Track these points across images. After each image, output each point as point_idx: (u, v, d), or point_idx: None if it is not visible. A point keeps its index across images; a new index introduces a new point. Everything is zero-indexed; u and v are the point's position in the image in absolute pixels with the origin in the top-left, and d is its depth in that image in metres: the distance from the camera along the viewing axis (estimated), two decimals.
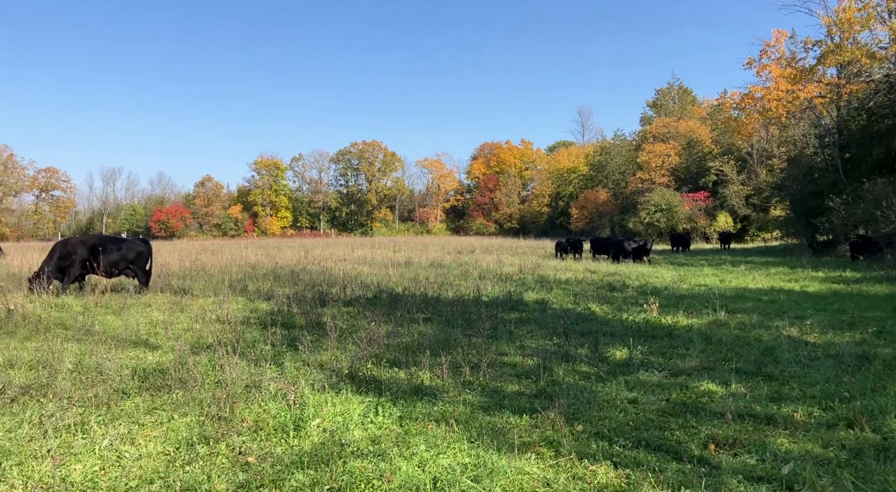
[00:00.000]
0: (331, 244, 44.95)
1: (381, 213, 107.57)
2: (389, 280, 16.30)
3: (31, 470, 4.01)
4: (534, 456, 4.31)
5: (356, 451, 4.42)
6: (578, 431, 4.86)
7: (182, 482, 3.88)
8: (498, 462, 4.14)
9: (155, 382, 6.03)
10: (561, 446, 4.48)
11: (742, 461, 4.28)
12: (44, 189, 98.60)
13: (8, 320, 9.08)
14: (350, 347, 7.73)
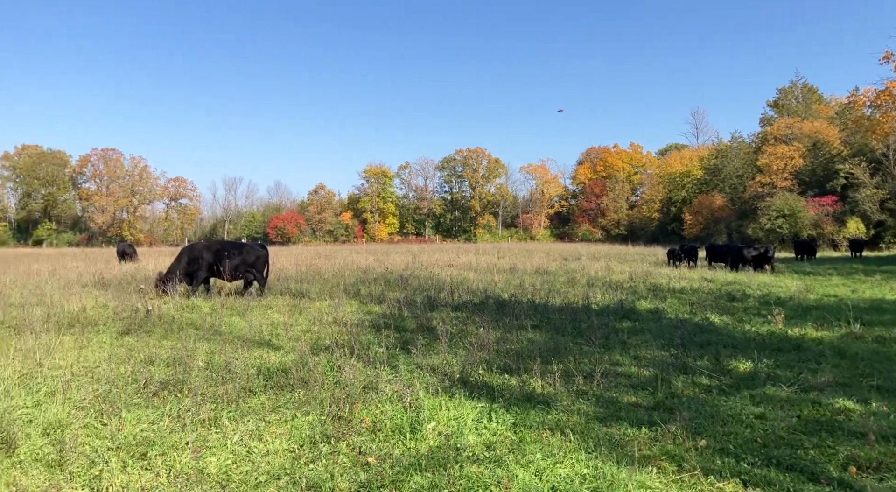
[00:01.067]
0: (436, 250, 45.58)
1: (485, 219, 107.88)
2: (495, 286, 16.29)
3: (173, 460, 4.30)
4: (655, 470, 4.15)
5: (472, 456, 4.43)
6: (702, 446, 4.63)
7: (307, 480, 4.03)
8: (618, 475, 4.01)
9: (278, 381, 6.31)
10: (684, 461, 4.29)
11: (889, 487, 3.93)
12: (173, 198, 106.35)
13: (146, 320, 9.82)
14: (460, 352, 7.77)
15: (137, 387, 5.98)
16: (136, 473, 4.13)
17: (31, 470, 4.13)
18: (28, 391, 5.72)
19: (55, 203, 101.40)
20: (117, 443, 4.57)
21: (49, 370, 6.54)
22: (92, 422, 4.98)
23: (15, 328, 9.11)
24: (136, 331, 9.08)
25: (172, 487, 3.91)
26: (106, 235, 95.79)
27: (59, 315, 10.21)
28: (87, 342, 8.19)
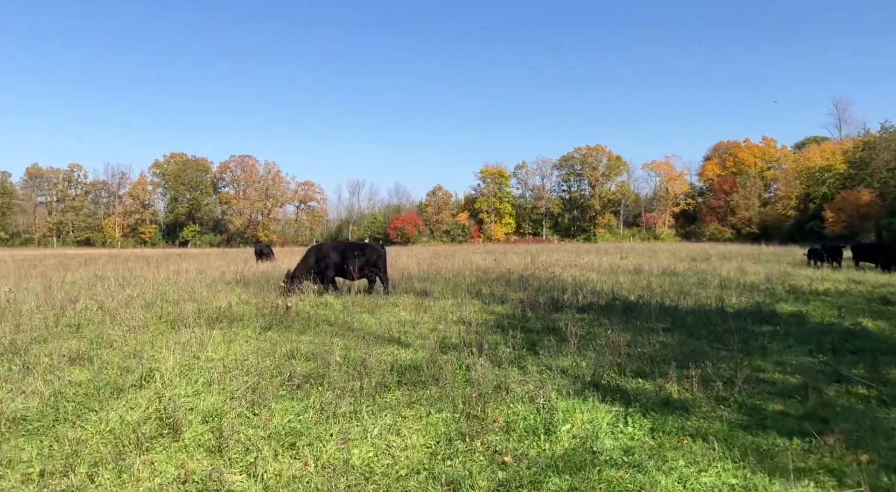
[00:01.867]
0: (555, 250, 45.03)
1: (605, 218, 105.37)
2: (621, 287, 15.84)
3: (320, 451, 4.53)
4: (812, 484, 3.88)
5: (609, 460, 4.34)
6: (864, 460, 4.27)
7: (446, 476, 4.11)
8: (770, 487, 3.80)
9: (411, 377, 6.47)
10: (845, 476, 3.98)
11: None
12: (302, 200, 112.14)
13: (286, 316, 10.41)
14: (590, 354, 7.63)
15: (282, 379, 6.34)
16: (286, 461, 4.39)
17: (195, 454, 4.49)
18: (188, 381, 6.23)
19: (198, 206, 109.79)
20: (268, 432, 4.88)
21: (204, 362, 7.08)
22: (245, 412, 5.34)
23: (171, 323, 9.94)
24: (276, 326, 9.64)
25: (321, 476, 4.12)
26: (243, 236, 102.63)
27: (209, 311, 11.02)
28: (234, 336, 8.79)
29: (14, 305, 11.87)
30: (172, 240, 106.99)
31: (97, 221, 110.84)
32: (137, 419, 5.09)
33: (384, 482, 4.06)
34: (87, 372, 6.66)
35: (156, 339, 8.48)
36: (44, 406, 5.42)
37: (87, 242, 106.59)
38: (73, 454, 4.39)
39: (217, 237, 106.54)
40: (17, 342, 8.11)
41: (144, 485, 3.97)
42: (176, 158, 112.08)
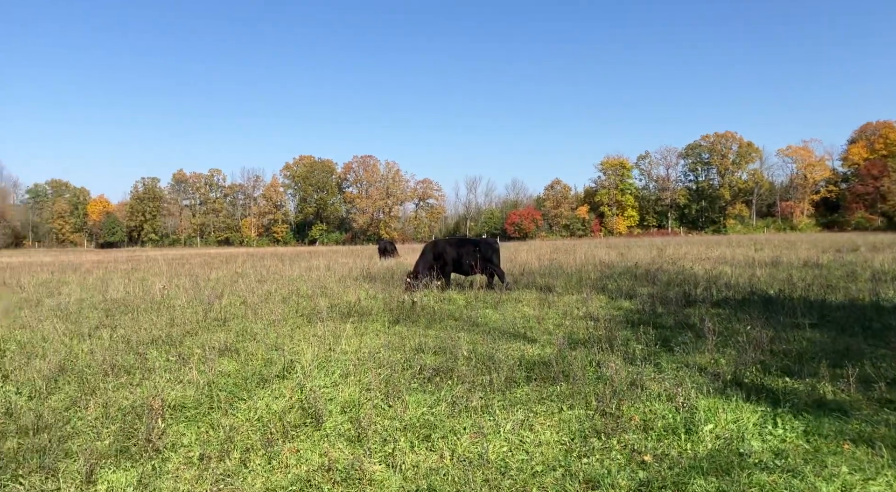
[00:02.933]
0: (682, 243, 43.07)
1: (736, 208, 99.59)
2: (758, 281, 14.88)
3: (454, 444, 4.58)
4: None
5: (759, 463, 4.07)
6: None
7: (584, 474, 4.02)
8: None
9: (540, 373, 6.40)
10: None
11: None
12: (421, 198, 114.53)
13: (412, 311, 10.64)
14: (729, 351, 7.21)
15: (413, 372, 6.48)
16: (423, 453, 4.46)
17: (337, 444, 4.67)
18: (325, 373, 6.51)
19: (325, 206, 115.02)
20: (404, 424, 4.99)
21: (339, 355, 7.37)
22: (380, 403, 5.50)
23: (306, 317, 10.45)
24: (404, 321, 9.88)
25: (457, 469, 4.16)
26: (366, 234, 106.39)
27: (340, 305, 11.49)
28: (365, 330, 9.10)
29: (168, 300, 12.95)
30: (302, 238, 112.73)
31: (235, 222, 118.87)
32: (282, 408, 5.39)
33: (520, 478, 4.03)
34: (234, 363, 7.13)
35: (294, 332, 8.94)
36: (199, 395, 5.85)
37: (226, 241, 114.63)
38: (227, 440, 4.71)
39: (342, 235, 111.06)
40: (172, 335, 8.83)
41: (293, 472, 4.18)
42: (304, 160, 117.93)
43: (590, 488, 3.87)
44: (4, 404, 5.73)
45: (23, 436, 4.89)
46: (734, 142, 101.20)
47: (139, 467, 4.27)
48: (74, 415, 5.38)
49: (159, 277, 19.13)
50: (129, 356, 7.45)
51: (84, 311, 11.81)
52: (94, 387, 6.16)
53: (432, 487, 3.92)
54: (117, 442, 4.68)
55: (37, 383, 6.32)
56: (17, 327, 9.79)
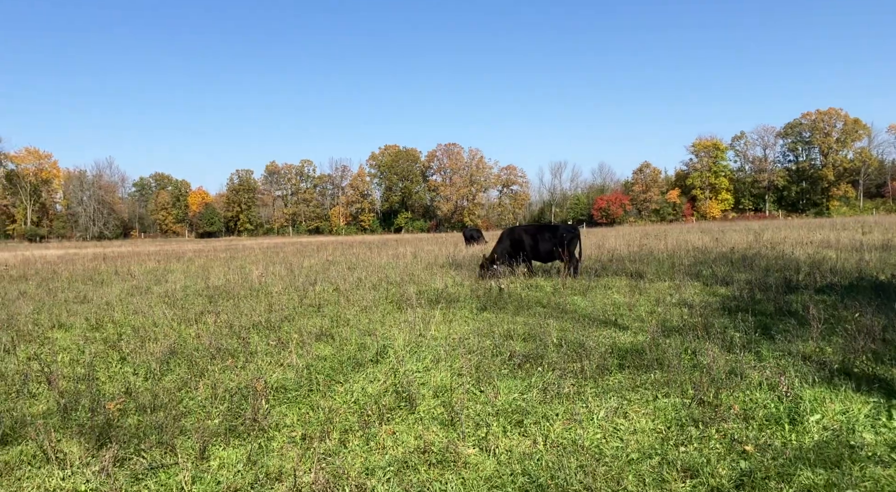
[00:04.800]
0: (781, 227, 40.93)
1: (841, 189, 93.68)
2: (867, 266, 13.96)
3: (547, 430, 4.59)
4: None
5: (873, 456, 3.87)
6: None
7: (682, 462, 3.94)
8: None
9: (633, 361, 6.29)
10: None
11: None
12: (505, 184, 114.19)
13: (499, 298, 10.67)
14: (836, 340, 6.84)
15: (503, 359, 6.51)
16: (516, 438, 4.50)
17: (431, 427, 4.77)
18: (417, 358, 6.64)
19: (410, 194, 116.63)
20: (496, 409, 5.04)
21: (429, 341, 7.50)
22: (471, 388, 5.58)
23: (396, 303, 10.67)
24: (491, 307, 9.92)
25: (550, 454, 4.17)
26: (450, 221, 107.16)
27: (428, 292, 11.67)
28: (453, 317, 9.21)
29: (265, 287, 13.55)
30: (388, 226, 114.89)
31: (324, 211, 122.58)
32: (377, 392, 5.55)
33: (615, 465, 4.00)
34: (330, 348, 7.39)
35: (385, 318, 9.16)
36: (299, 377, 6.12)
37: (316, 230, 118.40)
38: (326, 421, 4.91)
39: (427, 223, 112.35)
40: (270, 320, 9.24)
41: (390, 453, 4.32)
42: (389, 149, 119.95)
43: (688, 477, 3.79)
44: (124, 383, 6.19)
45: (141, 414, 5.27)
46: (839, 119, 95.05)
47: (247, 444, 4.53)
48: (186, 395, 5.76)
49: (256, 266, 20.00)
50: (232, 340, 7.88)
51: (189, 297, 12.53)
52: (203, 369, 6.56)
53: (526, 471, 3.95)
54: (226, 421, 4.97)
55: (151, 364, 6.79)
56: (130, 313, 10.52)
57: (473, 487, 3.77)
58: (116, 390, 5.96)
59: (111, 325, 9.54)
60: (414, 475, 3.95)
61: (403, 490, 3.73)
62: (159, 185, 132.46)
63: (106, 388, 6.05)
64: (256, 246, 46.05)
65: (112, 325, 9.54)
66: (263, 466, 4.12)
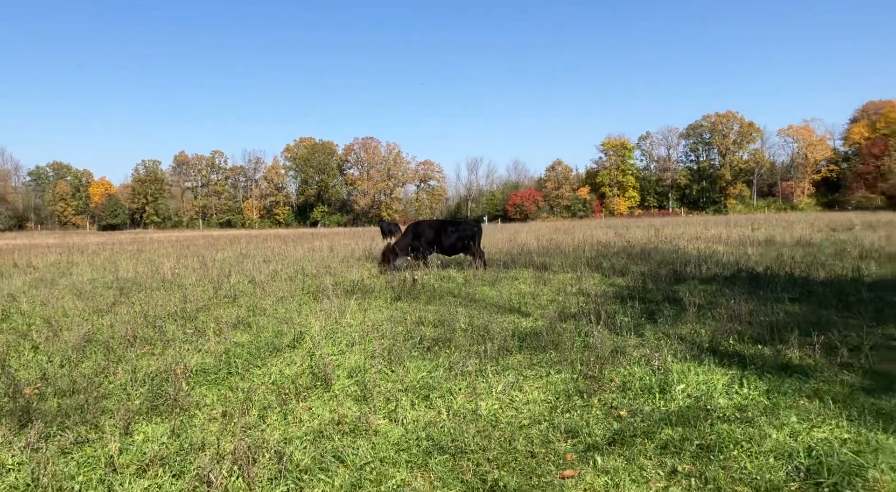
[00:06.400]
0: (681, 223, 43.48)
1: (737, 188, 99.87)
2: (748, 259, 15.35)
3: (451, 402, 5.09)
4: None
5: (722, 416, 4.57)
6: None
7: (565, 425, 4.53)
8: (884, 442, 3.92)
9: (531, 342, 6.90)
10: None
11: None
12: (422, 180, 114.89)
13: (413, 288, 11.14)
14: (709, 323, 7.71)
15: (414, 343, 6.98)
16: (422, 410, 4.98)
17: (345, 403, 5.18)
18: (333, 343, 7.02)
19: (326, 188, 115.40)
20: (405, 386, 5.51)
21: (344, 327, 7.88)
22: (383, 369, 6.01)
23: (312, 294, 10.95)
24: (405, 297, 10.38)
25: (452, 422, 4.67)
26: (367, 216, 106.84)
27: (344, 283, 12.00)
28: (368, 306, 9.60)
29: (178, 279, 13.46)
30: (304, 220, 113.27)
31: (237, 204, 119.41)
32: (294, 373, 5.90)
33: (509, 430, 4.53)
34: (247, 335, 7.64)
35: (301, 307, 9.45)
36: (218, 362, 6.37)
37: (228, 223, 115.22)
38: (246, 400, 5.22)
39: (344, 217, 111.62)
40: (186, 310, 9.34)
41: (306, 425, 4.69)
42: (305, 142, 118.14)
43: (570, 437, 4.37)
44: (40, 370, 6.25)
45: (61, 397, 5.40)
46: (735, 121, 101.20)
47: (169, 421, 4.79)
48: (105, 379, 5.90)
49: (167, 258, 19.63)
50: (147, 329, 7.98)
51: (98, 289, 12.32)
52: (120, 356, 6.68)
53: (430, 437, 4.42)
54: (147, 401, 5.19)
55: (67, 352, 6.84)
56: (38, 304, 10.30)
57: (382, 450, 4.21)
58: (32, 377, 6.03)
59: (19, 316, 9.36)
60: (329, 443, 4.34)
61: (319, 455, 4.12)
62: (58, 174, 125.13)
63: (21, 375, 6.08)
64: (165, 239, 44.62)
65: (20, 316, 9.36)
66: (188, 438, 4.41)
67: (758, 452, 3.94)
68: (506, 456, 4.08)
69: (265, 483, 3.74)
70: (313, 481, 3.79)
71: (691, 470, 3.79)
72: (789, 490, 3.52)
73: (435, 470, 3.91)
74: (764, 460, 3.85)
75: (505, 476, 3.77)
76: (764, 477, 3.66)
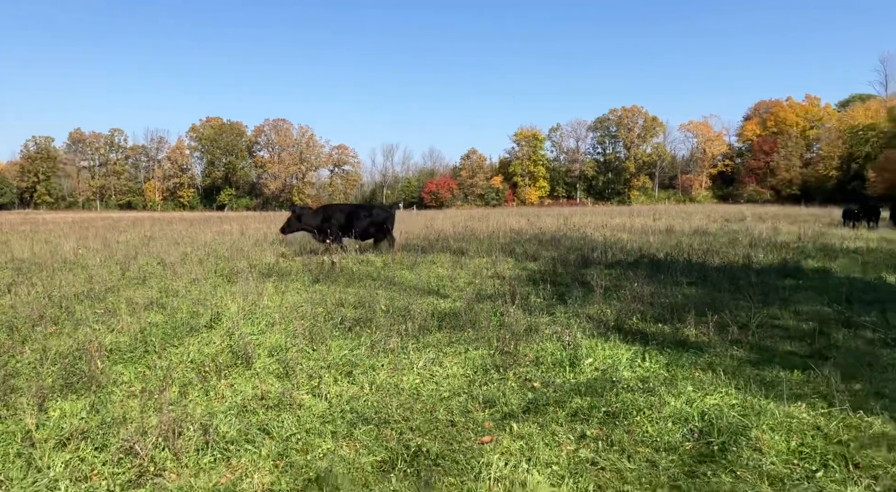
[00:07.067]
0: (588, 212, 45.16)
1: (640, 181, 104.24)
2: (650, 246, 16.25)
3: (373, 378, 5.24)
4: (804, 405, 4.45)
5: (626, 387, 4.95)
6: (856, 389, 4.82)
7: (483, 396, 4.78)
8: (765, 406, 4.39)
9: (450, 322, 7.13)
10: (834, 399, 4.52)
11: None
12: (337, 164, 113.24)
13: (332, 271, 11.16)
14: (615, 304, 8.20)
15: (335, 323, 7.06)
16: (345, 385, 5.10)
17: (267, 380, 5.23)
18: (252, 323, 7.00)
19: (234, 170, 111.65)
20: (328, 363, 5.60)
21: (262, 309, 7.84)
22: (305, 348, 6.07)
23: (226, 276, 10.76)
24: (324, 280, 10.39)
25: (375, 396, 4.82)
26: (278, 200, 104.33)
27: (259, 266, 11.84)
28: (286, 288, 9.56)
29: (81, 260, 12.86)
30: (210, 204, 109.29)
31: (138, 185, 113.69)
32: (214, 352, 5.87)
33: (430, 402, 4.73)
34: (161, 316, 7.48)
35: (216, 290, 9.28)
36: (133, 341, 6.23)
37: (128, 205, 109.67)
38: (165, 378, 5.17)
39: (253, 201, 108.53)
40: (94, 291, 9.00)
41: (229, 400, 4.72)
42: (212, 122, 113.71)
43: (487, 407, 4.62)
44: None
45: None
46: (640, 116, 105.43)
47: (87, 398, 4.69)
48: (11, 359, 5.66)
49: (66, 239, 18.62)
50: (54, 309, 7.65)
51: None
52: (25, 336, 6.41)
53: (354, 409, 4.56)
54: (61, 379, 5.05)
55: None
56: None
57: (308, 422, 4.31)
58: None
59: None
60: (253, 417, 4.40)
61: (244, 427, 4.18)
62: None
63: None
64: (60, 220, 42.05)
65: None
66: (108, 413, 4.35)
67: (658, 417, 4.31)
68: (428, 425, 4.28)
69: (192, 454, 3.77)
70: (240, 451, 3.86)
71: (599, 434, 4.11)
72: (685, 450, 3.89)
73: (360, 439, 4.06)
74: (663, 425, 4.23)
75: (427, 443, 3.97)
76: (663, 439, 4.02)
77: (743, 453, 3.77)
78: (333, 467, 3.59)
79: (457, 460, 3.72)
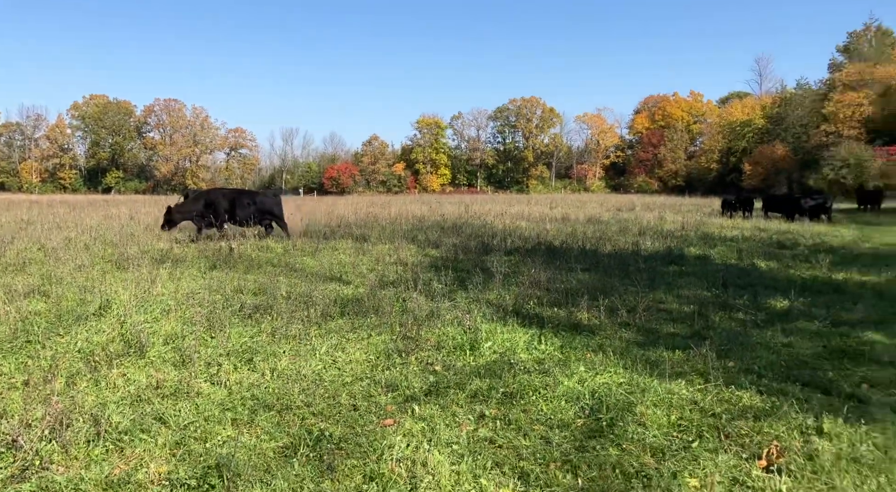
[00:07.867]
0: (488, 201, 46.08)
1: (538, 170, 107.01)
2: (547, 234, 16.85)
3: (274, 365, 5.19)
4: (683, 382, 4.82)
5: (523, 368, 5.17)
6: (729, 366, 5.27)
7: (386, 380, 4.85)
8: (649, 384, 4.72)
9: (353, 308, 7.15)
10: (710, 376, 4.93)
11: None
12: (233, 147, 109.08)
13: (230, 257, 10.85)
14: (514, 289, 8.49)
15: (234, 310, 6.91)
16: (245, 373, 5.03)
17: (163, 368, 5.07)
18: (146, 311, 6.72)
19: (122, 152, 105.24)
20: (227, 350, 5.49)
21: (156, 296, 7.55)
22: (203, 335, 5.92)
23: (115, 263, 10.24)
24: (221, 266, 10.10)
25: (277, 383, 4.79)
26: (170, 184, 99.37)
27: (151, 252, 11.34)
28: (181, 275, 9.22)
29: None
30: (95, 186, 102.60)
31: (12, 166, 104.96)
32: (104, 341, 5.61)
33: (332, 387, 4.76)
34: (44, 304, 7.04)
35: (105, 276, 8.83)
36: (12, 330, 5.84)
37: (1, 186, 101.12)
38: (50, 368, 4.90)
39: (143, 184, 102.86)
40: None
41: (122, 390, 4.55)
42: (96, 100, 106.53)
43: (390, 391, 4.70)
44: None
45: None
46: (538, 107, 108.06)
47: None
48: None
49: None
50: None
51: None
52: None
53: (255, 396, 4.51)
54: None
55: None
56: None
57: (206, 410, 4.23)
58: None
59: None
60: (148, 406, 4.27)
61: (139, 417, 4.05)
62: None
63: None
64: None
65: None
66: None
67: (552, 396, 4.55)
68: (330, 410, 4.31)
69: (82, 445, 3.62)
70: (134, 441, 3.74)
71: (497, 414, 4.29)
72: (576, 426, 4.13)
73: (262, 425, 4.04)
74: (557, 403, 4.46)
75: (330, 427, 4.01)
76: (557, 417, 4.25)
77: (628, 428, 4.05)
78: (234, 453, 3.56)
79: (360, 443, 3.78)
